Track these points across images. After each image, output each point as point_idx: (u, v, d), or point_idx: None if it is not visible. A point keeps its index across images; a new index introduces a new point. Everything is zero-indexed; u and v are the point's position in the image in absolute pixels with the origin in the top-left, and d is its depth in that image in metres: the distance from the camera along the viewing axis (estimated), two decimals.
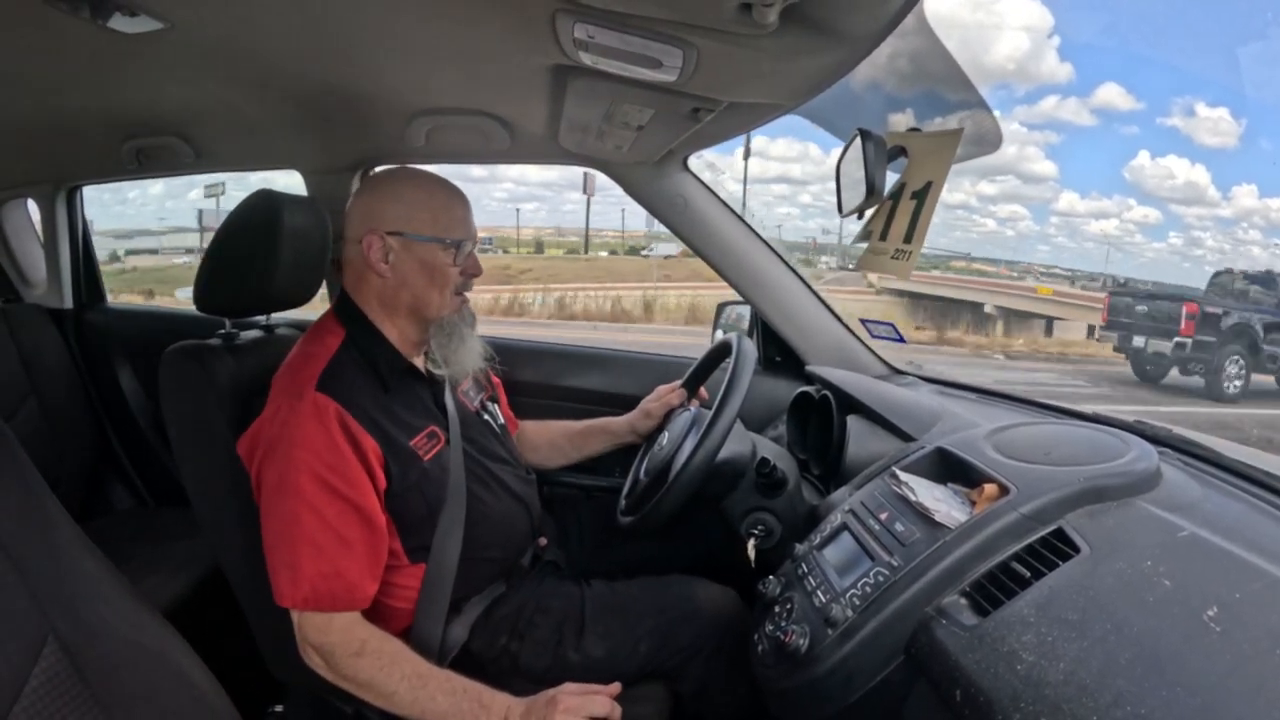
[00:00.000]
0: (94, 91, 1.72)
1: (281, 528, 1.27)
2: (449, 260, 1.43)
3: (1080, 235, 56.84)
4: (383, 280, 1.41)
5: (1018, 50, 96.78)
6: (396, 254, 1.40)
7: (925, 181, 1.32)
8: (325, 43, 1.36)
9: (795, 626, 1.16)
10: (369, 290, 1.43)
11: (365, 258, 1.39)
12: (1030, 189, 63.88)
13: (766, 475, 1.53)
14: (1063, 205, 60.20)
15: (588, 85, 1.37)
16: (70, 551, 0.97)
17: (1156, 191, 63.69)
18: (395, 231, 1.39)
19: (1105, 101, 73.50)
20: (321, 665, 1.29)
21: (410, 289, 1.42)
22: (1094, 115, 72.15)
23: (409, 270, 1.41)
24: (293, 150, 2.14)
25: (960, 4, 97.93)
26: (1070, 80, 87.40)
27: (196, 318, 1.65)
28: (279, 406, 1.32)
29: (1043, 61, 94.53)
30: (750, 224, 2.09)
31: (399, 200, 1.41)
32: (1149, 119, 66.49)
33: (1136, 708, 0.72)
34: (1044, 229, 59.33)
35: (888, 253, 1.38)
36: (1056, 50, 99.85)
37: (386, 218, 1.40)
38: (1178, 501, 1.06)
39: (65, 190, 2.65)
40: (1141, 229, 55.85)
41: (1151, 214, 57.31)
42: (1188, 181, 62.23)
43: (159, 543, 2.19)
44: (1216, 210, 55.22)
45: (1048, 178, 66.10)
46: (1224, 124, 56.90)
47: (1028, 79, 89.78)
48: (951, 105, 1.51)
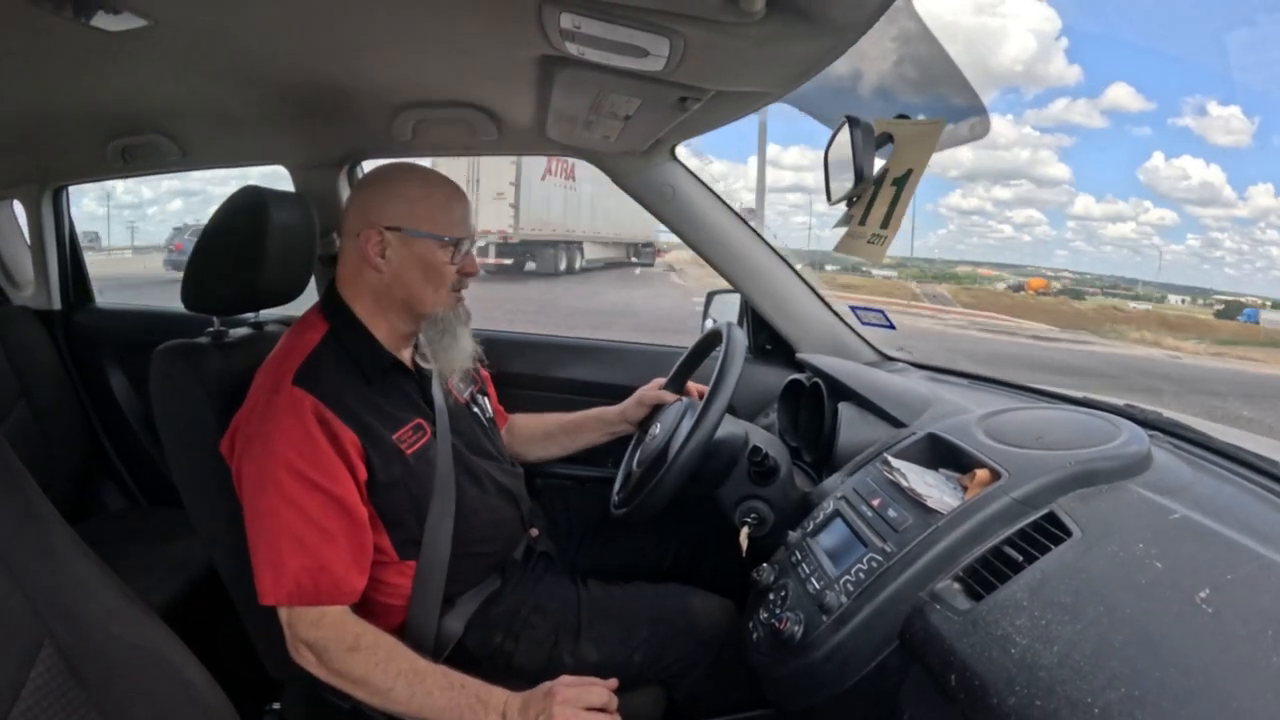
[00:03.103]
0: (78, 90, 1.71)
1: (262, 523, 1.27)
2: (446, 258, 1.42)
3: (1097, 239, 57.12)
4: (378, 275, 1.40)
5: (1025, 52, 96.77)
6: (394, 249, 1.39)
7: (906, 169, 1.33)
8: (309, 37, 1.35)
9: (789, 614, 1.17)
10: (364, 285, 1.42)
11: (362, 251, 1.39)
12: (1045, 193, 64.20)
13: (759, 463, 1.53)
14: (1078, 209, 60.54)
15: (574, 75, 1.36)
16: (64, 553, 0.97)
17: (1172, 193, 64.07)
18: (394, 226, 1.39)
19: (1115, 102, 73.76)
20: (314, 663, 1.28)
21: (405, 285, 1.41)
22: (1105, 117, 72.44)
23: (405, 266, 1.40)
24: (279, 145, 2.12)
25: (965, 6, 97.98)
26: (1079, 81, 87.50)
27: (185, 316, 1.65)
28: (256, 401, 1.32)
29: (1051, 63, 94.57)
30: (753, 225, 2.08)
31: (399, 196, 1.41)
32: (1160, 119, 66.80)
33: (1130, 689, 0.72)
34: (1061, 234, 59.61)
35: (864, 237, 1.39)
36: (1065, 52, 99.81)
37: (385, 213, 1.39)
38: (1169, 484, 1.07)
39: (51, 191, 2.62)
40: (1159, 231, 56.15)
41: (1168, 216, 57.72)
42: (1203, 182, 62.58)
43: (152, 543, 2.19)
44: (1233, 210, 55.62)
45: (1062, 181, 66.42)
46: (1236, 122, 57.17)
47: (1036, 81, 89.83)
48: (939, 93, 1.51)
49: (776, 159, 60.68)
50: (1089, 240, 61.97)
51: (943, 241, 55.95)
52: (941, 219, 57.50)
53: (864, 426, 1.68)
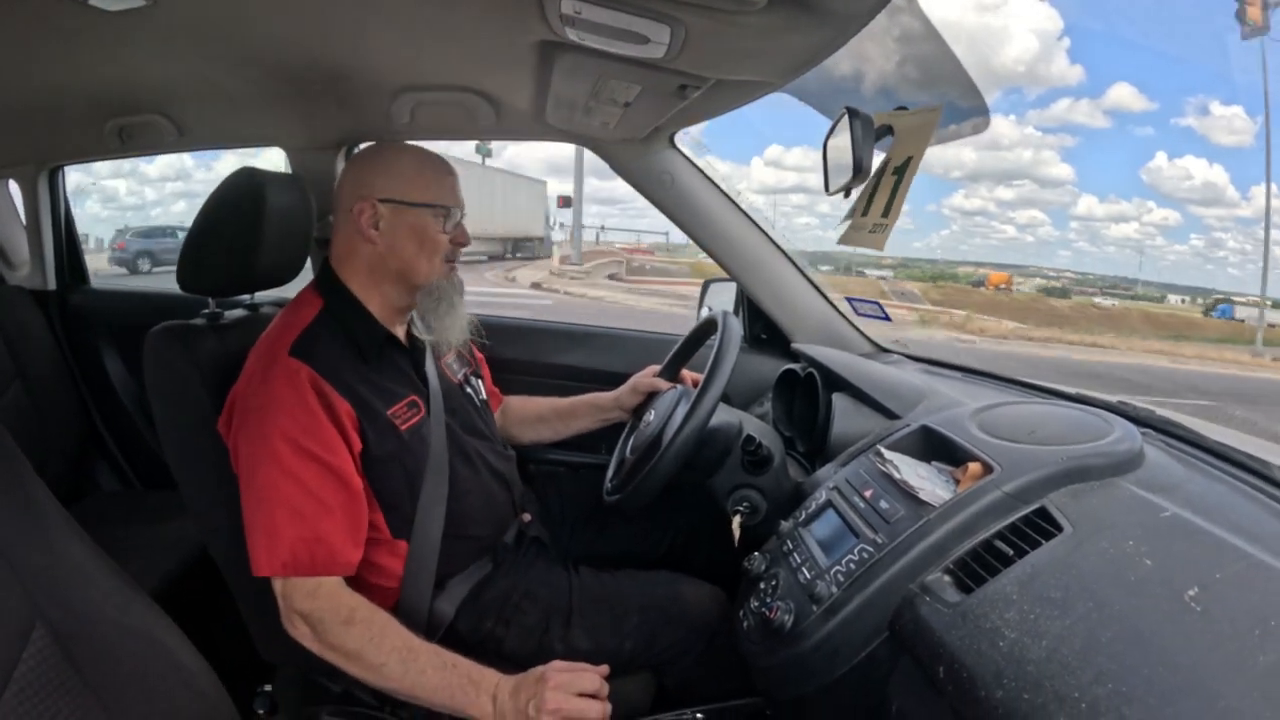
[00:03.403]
0: (76, 70, 1.70)
1: (259, 495, 1.27)
2: (439, 227, 1.44)
3: (1101, 240, 57.20)
4: (372, 247, 1.41)
5: (1027, 52, 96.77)
6: (387, 220, 1.40)
7: (906, 157, 1.33)
8: (309, 18, 1.34)
9: (780, 603, 1.17)
10: (358, 259, 1.43)
11: (356, 224, 1.40)
12: (1048, 193, 64.34)
13: (752, 452, 1.54)
14: (1081, 209, 60.67)
15: (574, 61, 1.36)
16: (57, 535, 0.97)
17: (1175, 193, 64.23)
18: (386, 199, 1.40)
19: (1118, 102, 73.85)
20: (308, 634, 1.27)
21: (399, 255, 1.42)
22: (1107, 117, 72.57)
23: (399, 236, 1.41)
24: (276, 128, 2.12)
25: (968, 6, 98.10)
26: (1082, 81, 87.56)
27: (180, 298, 1.64)
28: (252, 373, 1.33)
29: (1053, 63, 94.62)
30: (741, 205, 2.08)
31: (390, 169, 1.42)
32: (1163, 119, 66.86)
33: (1118, 685, 0.73)
34: (1064, 234, 59.72)
35: (866, 227, 1.39)
36: (1067, 52, 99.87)
37: (377, 185, 1.40)
38: (1160, 482, 1.07)
39: (47, 171, 2.62)
40: (1162, 231, 56.26)
41: (1171, 216, 57.82)
42: (1206, 182, 62.67)
43: (146, 525, 2.19)
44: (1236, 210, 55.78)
45: (1065, 181, 66.56)
46: (1239, 122, 57.17)
47: (1038, 82, 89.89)
48: (941, 87, 1.51)
49: (779, 160, 60.82)
50: (1092, 240, 62.26)
51: (945, 242, 56.22)
52: (944, 220, 57.72)
53: (858, 417, 1.68)
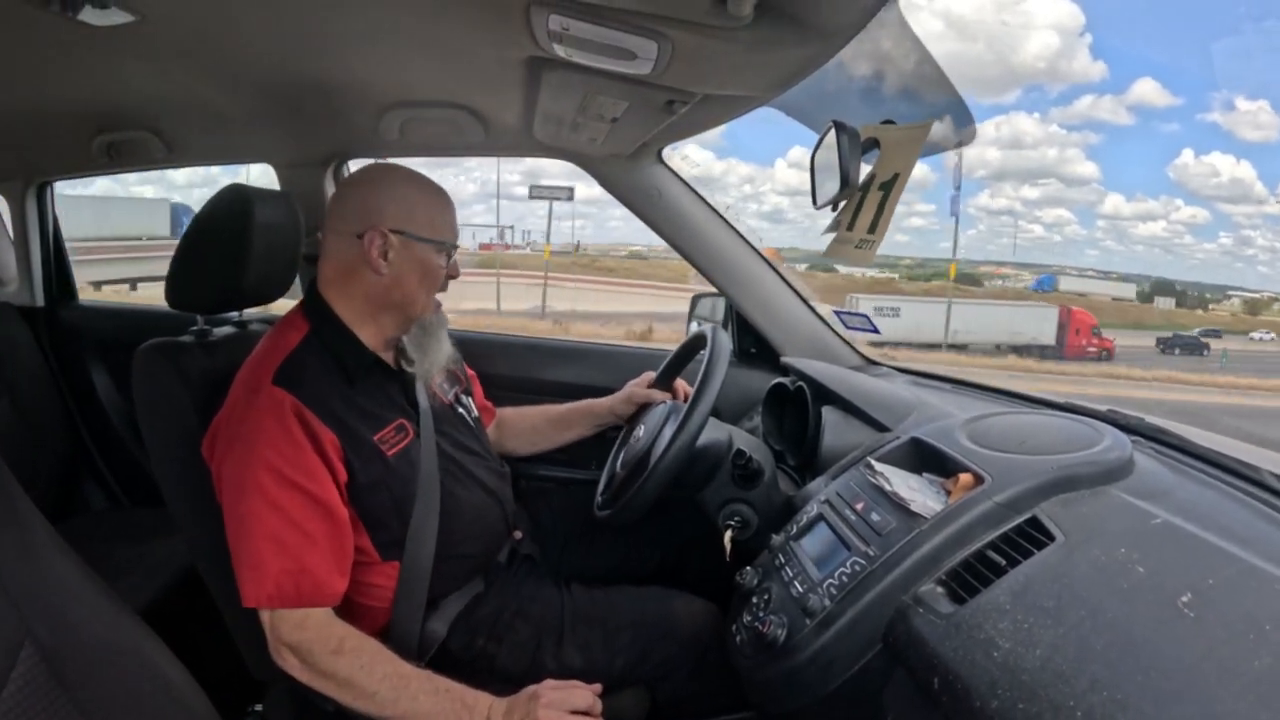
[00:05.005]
0: (64, 85, 1.69)
1: (243, 525, 1.26)
2: (442, 262, 1.43)
3: (1128, 238, 57.32)
4: (378, 278, 1.38)
5: (1048, 49, 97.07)
6: (396, 252, 1.38)
7: (893, 173, 1.34)
8: (297, 35, 1.35)
9: (773, 617, 1.17)
10: (355, 286, 1.40)
11: (365, 253, 1.36)
12: (1074, 192, 64.35)
13: (742, 466, 1.54)
14: (1108, 208, 60.79)
15: (562, 78, 1.36)
16: (45, 553, 0.96)
17: (1202, 190, 64.28)
18: (398, 230, 1.37)
19: (1142, 98, 74.12)
20: (297, 666, 1.26)
21: (403, 287, 1.40)
22: (1131, 113, 72.77)
23: (406, 269, 1.39)
24: (265, 144, 2.12)
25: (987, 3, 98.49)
26: (1104, 78, 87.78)
27: (169, 315, 1.63)
28: (235, 403, 1.31)
29: (1075, 60, 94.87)
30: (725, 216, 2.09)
31: (398, 198, 1.39)
32: (1189, 115, 66.98)
33: (1112, 693, 0.73)
34: (1091, 233, 59.83)
35: (853, 242, 1.40)
36: (1089, 48, 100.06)
37: (387, 214, 1.37)
38: (1151, 489, 1.07)
39: (35, 186, 2.61)
40: (1190, 229, 56.36)
41: (1199, 214, 57.90)
42: (1233, 178, 62.77)
43: (134, 543, 2.17)
44: (1264, 207, 55.82)
45: (1090, 180, 66.62)
46: (1265, 116, 57.32)
47: (1060, 78, 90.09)
48: (926, 98, 1.52)
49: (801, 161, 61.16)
50: (1119, 239, 62.15)
51: (972, 242, 55.99)
52: (971, 219, 57.69)
53: (848, 430, 1.68)
